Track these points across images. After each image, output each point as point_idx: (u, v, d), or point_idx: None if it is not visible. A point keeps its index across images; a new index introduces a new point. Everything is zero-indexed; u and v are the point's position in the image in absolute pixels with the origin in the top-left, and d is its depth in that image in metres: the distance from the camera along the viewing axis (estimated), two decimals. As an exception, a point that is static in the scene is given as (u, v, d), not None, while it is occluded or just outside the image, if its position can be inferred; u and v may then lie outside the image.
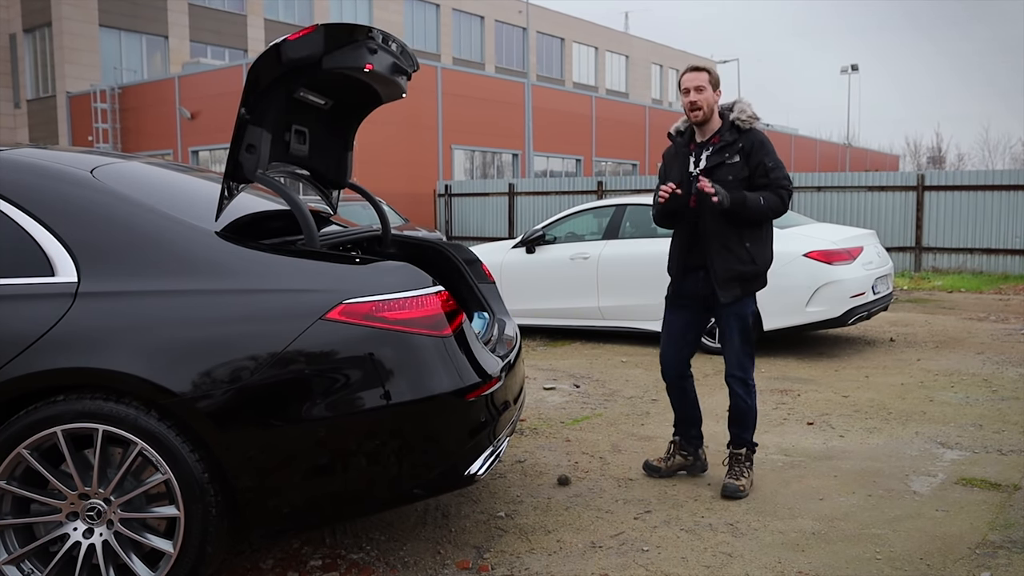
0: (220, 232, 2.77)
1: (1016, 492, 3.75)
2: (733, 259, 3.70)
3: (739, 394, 3.83)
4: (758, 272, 3.76)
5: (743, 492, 3.72)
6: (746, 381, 3.83)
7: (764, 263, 3.76)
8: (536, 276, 8.12)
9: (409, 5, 37.52)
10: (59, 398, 2.57)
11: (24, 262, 2.65)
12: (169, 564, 2.58)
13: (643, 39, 49.32)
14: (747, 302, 3.80)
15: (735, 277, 3.71)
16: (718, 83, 3.73)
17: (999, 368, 6.51)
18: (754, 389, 3.87)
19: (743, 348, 3.82)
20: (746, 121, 3.71)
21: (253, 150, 2.92)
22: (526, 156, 25.38)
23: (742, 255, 3.70)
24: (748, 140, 3.69)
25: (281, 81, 2.94)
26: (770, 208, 3.65)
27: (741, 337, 3.81)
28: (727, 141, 3.71)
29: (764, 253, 3.76)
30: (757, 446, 3.93)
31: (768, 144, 3.72)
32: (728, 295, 3.72)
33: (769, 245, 3.78)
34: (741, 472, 3.80)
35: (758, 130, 3.75)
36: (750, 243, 3.71)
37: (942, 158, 56.94)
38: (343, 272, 2.72)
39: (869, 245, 7.55)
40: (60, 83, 27.46)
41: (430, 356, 2.70)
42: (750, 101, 3.79)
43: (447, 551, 3.20)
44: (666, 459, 4.04)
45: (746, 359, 3.83)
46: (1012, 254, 13.70)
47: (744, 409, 3.83)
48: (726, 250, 3.69)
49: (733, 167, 3.68)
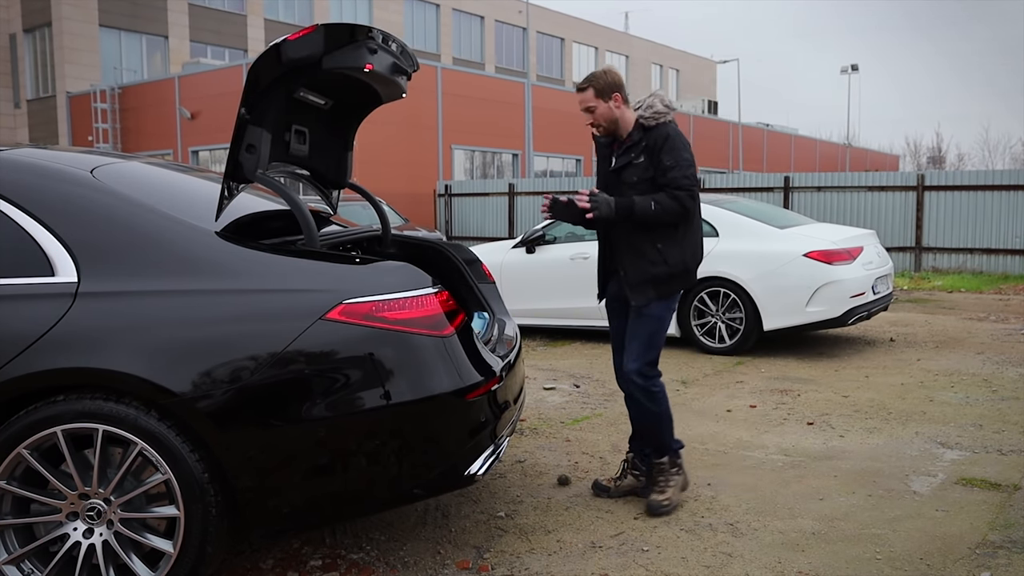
0: (220, 232, 2.77)
1: (1016, 492, 3.75)
2: (644, 261, 3.51)
3: (640, 401, 3.60)
4: (671, 273, 3.52)
5: (668, 506, 3.53)
6: (649, 388, 3.58)
7: (676, 264, 3.52)
8: (536, 276, 8.12)
9: (409, 5, 37.52)
10: (59, 398, 2.57)
11: (24, 262, 2.65)
12: (169, 564, 2.58)
13: (643, 39, 49.32)
14: (661, 305, 3.56)
15: (647, 280, 3.52)
16: (611, 89, 3.52)
17: (999, 368, 6.51)
18: (660, 394, 3.61)
19: (646, 352, 3.57)
20: (650, 118, 3.51)
21: (253, 150, 2.92)
22: (526, 156, 25.39)
23: (652, 256, 3.50)
24: (651, 138, 3.49)
25: (281, 81, 2.94)
26: (664, 212, 3.42)
27: (647, 341, 3.56)
28: (634, 140, 3.54)
29: (676, 253, 3.52)
30: (681, 447, 3.71)
31: (674, 140, 3.48)
32: (640, 298, 3.53)
33: (687, 245, 3.56)
34: (665, 484, 3.60)
35: (665, 125, 3.51)
36: (661, 244, 3.50)
37: (942, 158, 56.97)
38: (343, 272, 2.72)
39: (869, 245, 7.55)
40: (60, 83, 27.46)
41: (430, 356, 2.70)
42: (664, 94, 3.61)
43: (447, 551, 3.20)
44: (617, 479, 3.80)
45: (647, 366, 3.57)
46: (1012, 254, 13.70)
47: (652, 416, 3.62)
48: (635, 252, 3.53)
49: (638, 167, 3.51)
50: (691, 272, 3.62)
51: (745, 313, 7.10)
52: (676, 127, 3.56)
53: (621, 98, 3.56)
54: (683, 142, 3.51)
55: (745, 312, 7.10)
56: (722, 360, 6.95)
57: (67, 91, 27.18)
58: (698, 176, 3.54)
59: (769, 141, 38.28)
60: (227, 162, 2.90)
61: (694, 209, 3.51)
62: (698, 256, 3.65)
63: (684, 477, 3.71)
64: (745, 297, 7.10)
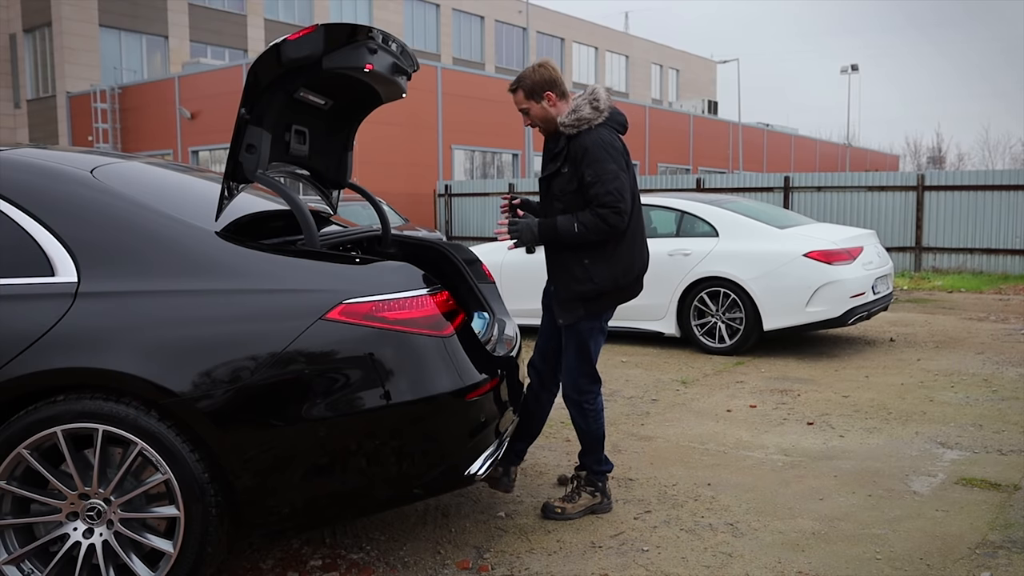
0: (220, 232, 2.77)
1: (1016, 492, 3.75)
2: (570, 279, 3.34)
3: (573, 416, 3.55)
4: (600, 291, 3.33)
5: (560, 515, 3.46)
6: (581, 404, 3.49)
7: (604, 281, 3.33)
8: (536, 276, 8.07)
9: (409, 5, 37.52)
10: (59, 398, 2.57)
11: (24, 262, 2.65)
12: (169, 564, 2.58)
13: (643, 39, 49.32)
14: (591, 320, 3.41)
15: (574, 297, 3.35)
16: (540, 86, 3.35)
17: (999, 368, 6.51)
18: (592, 412, 3.51)
19: (579, 368, 3.45)
20: (570, 125, 3.28)
21: (253, 150, 2.92)
22: (526, 156, 25.39)
23: (579, 274, 3.32)
24: (573, 147, 3.28)
25: (281, 81, 2.94)
26: (589, 232, 3.22)
27: (577, 355, 3.44)
28: (559, 148, 3.35)
29: (603, 271, 3.32)
30: (607, 470, 3.59)
31: (594, 151, 3.23)
32: (567, 316, 3.38)
33: (616, 261, 3.35)
34: (573, 495, 3.53)
35: (587, 134, 3.27)
36: (588, 260, 3.31)
37: (942, 158, 56.98)
38: (343, 272, 2.72)
39: (869, 245, 7.55)
40: (60, 83, 27.46)
41: (430, 356, 2.70)
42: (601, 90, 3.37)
43: (447, 551, 3.20)
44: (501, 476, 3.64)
45: (582, 379, 3.46)
46: (1012, 254, 13.70)
47: (581, 432, 3.55)
48: (563, 269, 3.37)
49: (563, 178, 3.32)
50: (623, 288, 3.43)
51: (745, 313, 7.10)
52: (601, 134, 3.29)
53: (555, 96, 3.36)
54: (607, 152, 3.25)
55: (745, 312, 7.10)
56: (722, 360, 6.95)
57: (67, 91, 27.18)
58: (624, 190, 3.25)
59: (769, 141, 38.28)
60: (227, 162, 2.90)
61: (621, 225, 3.25)
62: (632, 270, 3.42)
63: (602, 500, 3.55)
64: (745, 297, 7.10)
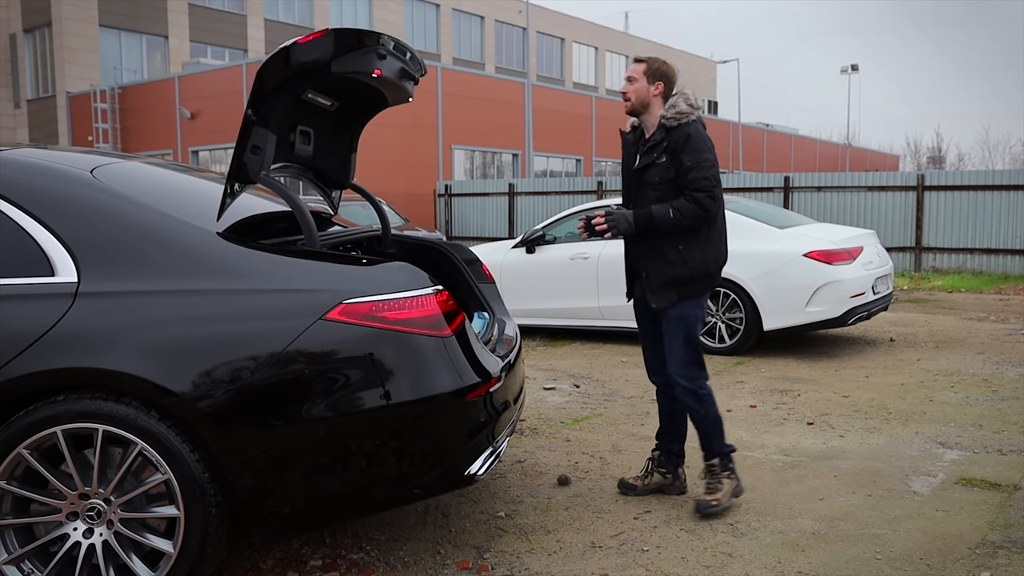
0: (220, 232, 2.77)
1: (1016, 492, 3.75)
2: (664, 263, 3.50)
3: (688, 404, 3.60)
4: (692, 275, 3.50)
5: (717, 506, 3.50)
6: (695, 391, 3.57)
7: (697, 266, 3.50)
8: (536, 276, 8.13)
9: (409, 5, 37.52)
10: (59, 398, 2.57)
11: (24, 262, 2.65)
12: (169, 564, 2.58)
13: (643, 39, 49.31)
14: (688, 305, 3.55)
15: (668, 282, 3.51)
16: (659, 75, 3.53)
17: (999, 368, 6.51)
18: (707, 397, 3.59)
19: (686, 355, 3.56)
20: (672, 119, 3.49)
21: (258, 151, 2.93)
22: (526, 156, 25.39)
23: (673, 259, 3.49)
24: (673, 138, 3.47)
25: (289, 83, 2.94)
26: (686, 218, 3.41)
27: (684, 342, 3.56)
28: (656, 140, 3.52)
29: (697, 255, 3.50)
30: (732, 451, 3.64)
31: (695, 140, 3.45)
32: (661, 300, 3.53)
33: (709, 247, 3.53)
34: (715, 485, 3.57)
35: (688, 126, 3.48)
36: (683, 246, 3.48)
37: (942, 158, 56.94)
38: (343, 272, 2.72)
39: (869, 245, 7.55)
40: (60, 83, 27.46)
41: (430, 356, 2.70)
42: (691, 92, 3.59)
43: (447, 551, 3.20)
44: (642, 477, 3.81)
45: (692, 366, 3.57)
46: (1012, 254, 13.70)
47: (699, 419, 3.60)
48: (657, 254, 3.52)
49: (659, 168, 3.50)
50: (712, 275, 3.58)
51: (745, 313, 7.10)
52: (699, 127, 3.53)
53: (662, 89, 3.55)
54: (705, 143, 3.49)
55: (745, 312, 7.10)
56: (722, 360, 6.95)
57: (67, 91, 27.18)
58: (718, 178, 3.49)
59: (769, 141, 38.29)
60: (232, 162, 2.90)
61: (715, 211, 3.46)
62: (721, 259, 3.61)
63: (736, 482, 3.62)
64: (745, 297, 7.10)
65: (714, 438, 3.62)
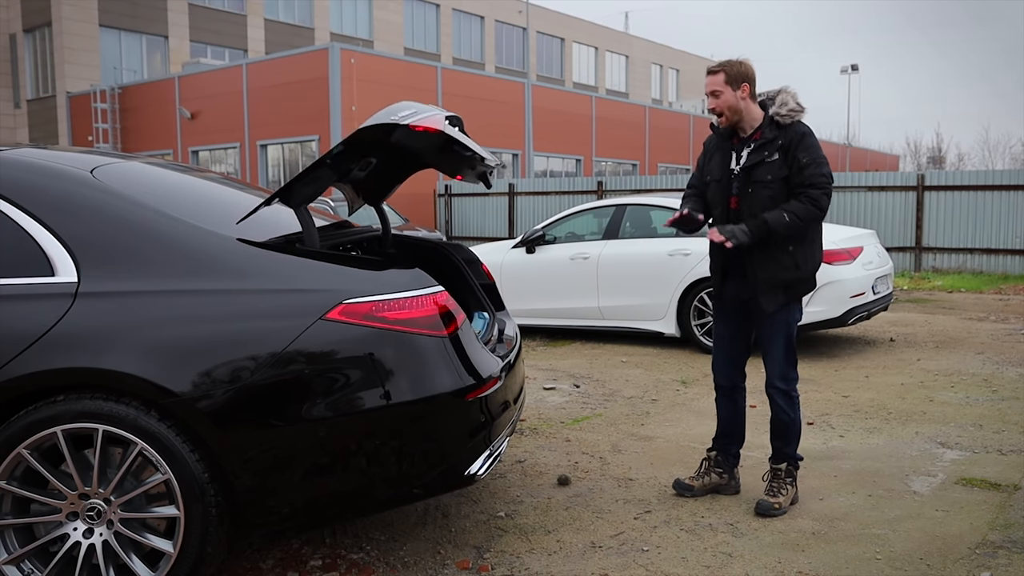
0: (220, 232, 2.77)
1: (1016, 492, 3.75)
2: (776, 266, 3.46)
3: (781, 406, 3.60)
4: (802, 278, 3.51)
5: (779, 510, 3.50)
6: (789, 393, 3.59)
7: (809, 268, 3.51)
8: (536, 276, 8.13)
9: (409, 5, 37.51)
10: (59, 398, 2.57)
11: (24, 262, 2.65)
12: (169, 564, 2.58)
13: (643, 39, 49.32)
14: (792, 308, 3.56)
15: (779, 284, 3.48)
16: (741, 78, 3.49)
17: (999, 368, 6.51)
18: (797, 401, 3.64)
19: (786, 357, 3.57)
20: (786, 116, 3.47)
21: (312, 187, 2.95)
22: (526, 156, 25.40)
23: (785, 261, 3.46)
24: (788, 136, 3.45)
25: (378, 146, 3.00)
26: (800, 219, 3.38)
27: (785, 345, 3.57)
28: (767, 138, 3.48)
29: (810, 257, 3.51)
30: (801, 460, 3.71)
31: (809, 138, 3.46)
32: (772, 303, 3.50)
33: (817, 246, 3.55)
34: (779, 488, 3.58)
35: (801, 123, 3.49)
36: (794, 247, 3.45)
37: (942, 158, 56.93)
38: (343, 272, 2.72)
39: (869, 245, 7.55)
40: (60, 83, 27.46)
41: (430, 356, 2.70)
42: (795, 91, 3.55)
43: (447, 551, 3.20)
44: (699, 476, 3.79)
45: (789, 369, 3.59)
46: (1012, 254, 13.70)
47: (787, 422, 3.61)
48: (768, 256, 3.46)
49: (772, 166, 3.45)
50: (813, 279, 3.57)
51: (745, 313, 7.08)
52: (808, 126, 3.51)
53: (749, 90, 3.52)
54: (816, 140, 3.47)
55: (745, 312, 7.08)
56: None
57: (67, 91, 27.18)
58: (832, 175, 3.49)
59: (769, 141, 38.22)
60: (286, 184, 2.90)
61: (827, 208, 3.44)
62: (821, 261, 3.59)
63: (796, 491, 3.64)
64: (745, 297, 7.08)
65: (792, 443, 3.65)
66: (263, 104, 22.21)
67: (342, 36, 33.70)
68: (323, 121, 20.42)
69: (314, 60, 20.97)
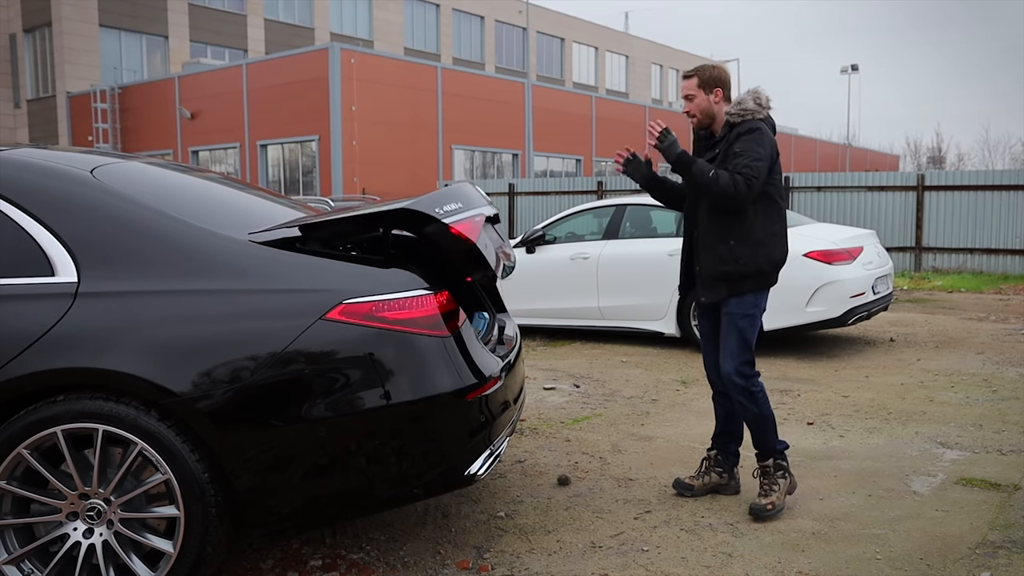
0: (220, 232, 2.77)
1: (1016, 492, 3.75)
2: (715, 258, 3.54)
3: (742, 403, 3.57)
4: (743, 272, 3.51)
5: (772, 510, 3.46)
6: (748, 388, 3.54)
7: (750, 263, 3.50)
8: (536, 276, 8.13)
9: (409, 5, 37.53)
10: (59, 398, 2.57)
11: (24, 262, 2.65)
12: (169, 564, 2.58)
13: (643, 39, 49.34)
14: (742, 302, 3.55)
15: (719, 277, 3.54)
16: (714, 83, 3.57)
17: (999, 368, 6.51)
18: (760, 394, 3.57)
19: (740, 351, 3.54)
20: (736, 115, 3.52)
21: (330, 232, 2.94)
22: (526, 156, 25.41)
23: (723, 254, 3.51)
24: (735, 132, 3.51)
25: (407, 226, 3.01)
26: (719, 186, 3.38)
27: (738, 339, 3.55)
28: (722, 136, 3.57)
29: (750, 253, 3.50)
30: (786, 447, 3.63)
31: (755, 133, 3.45)
32: (713, 295, 3.57)
33: (761, 245, 3.52)
34: (770, 486, 3.54)
35: (753, 123, 3.49)
36: (734, 241, 3.50)
37: (942, 158, 56.93)
38: (343, 272, 2.72)
39: (869, 245, 7.55)
40: (60, 83, 27.48)
41: (430, 356, 2.70)
42: (765, 92, 3.57)
43: (447, 551, 3.20)
44: (699, 476, 3.78)
45: (744, 365, 3.55)
46: (1012, 254, 13.70)
47: (753, 417, 3.57)
48: (709, 249, 3.56)
49: (714, 161, 3.54)
50: (766, 274, 3.56)
51: (745, 313, 7.08)
52: (765, 126, 3.51)
53: (722, 95, 3.60)
54: (764, 140, 3.46)
55: (745, 312, 7.08)
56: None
57: (67, 91, 27.19)
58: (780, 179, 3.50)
59: (769, 141, 38.23)
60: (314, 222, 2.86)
61: (746, 196, 3.40)
62: (775, 259, 3.57)
63: (791, 480, 3.61)
64: (745, 297, 7.09)
65: (768, 435, 3.62)
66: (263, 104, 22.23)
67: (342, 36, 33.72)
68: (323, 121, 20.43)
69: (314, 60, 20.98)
